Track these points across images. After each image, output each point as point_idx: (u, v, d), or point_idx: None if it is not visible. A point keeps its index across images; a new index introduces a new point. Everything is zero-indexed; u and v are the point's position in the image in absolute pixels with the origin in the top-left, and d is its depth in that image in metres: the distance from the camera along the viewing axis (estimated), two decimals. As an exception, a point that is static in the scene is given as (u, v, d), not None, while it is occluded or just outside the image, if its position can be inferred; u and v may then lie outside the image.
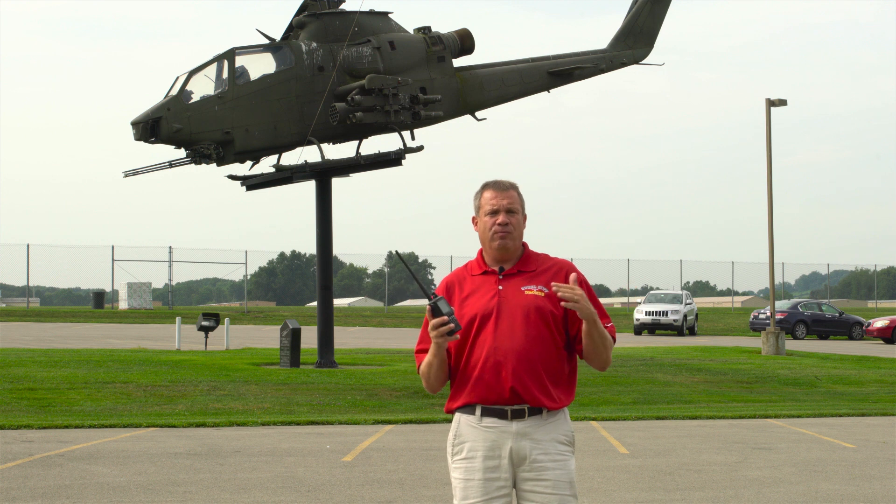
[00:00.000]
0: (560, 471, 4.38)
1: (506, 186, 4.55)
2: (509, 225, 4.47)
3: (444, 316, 4.28)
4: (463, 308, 4.45)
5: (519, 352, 4.35)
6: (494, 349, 4.36)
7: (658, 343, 36.12)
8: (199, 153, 20.85)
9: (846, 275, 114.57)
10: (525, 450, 4.37)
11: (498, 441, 4.39)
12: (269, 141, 21.31)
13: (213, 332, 28.99)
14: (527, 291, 4.44)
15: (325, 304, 22.29)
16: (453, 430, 4.51)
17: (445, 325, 4.29)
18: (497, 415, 4.39)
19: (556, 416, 4.43)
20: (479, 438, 4.41)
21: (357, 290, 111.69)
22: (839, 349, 34.23)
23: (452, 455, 4.50)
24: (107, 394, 16.74)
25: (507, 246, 4.48)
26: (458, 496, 4.45)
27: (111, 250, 53.10)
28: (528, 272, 4.50)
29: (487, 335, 4.39)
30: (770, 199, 31.24)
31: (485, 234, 4.53)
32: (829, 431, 13.89)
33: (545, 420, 4.40)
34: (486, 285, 4.49)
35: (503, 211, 4.49)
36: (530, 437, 4.38)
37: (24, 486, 9.25)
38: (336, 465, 10.67)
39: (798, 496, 9.41)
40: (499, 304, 4.42)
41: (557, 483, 4.37)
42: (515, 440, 4.37)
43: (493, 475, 4.39)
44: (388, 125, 21.86)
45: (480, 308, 4.43)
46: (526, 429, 4.38)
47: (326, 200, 22.48)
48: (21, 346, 26.43)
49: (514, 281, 4.48)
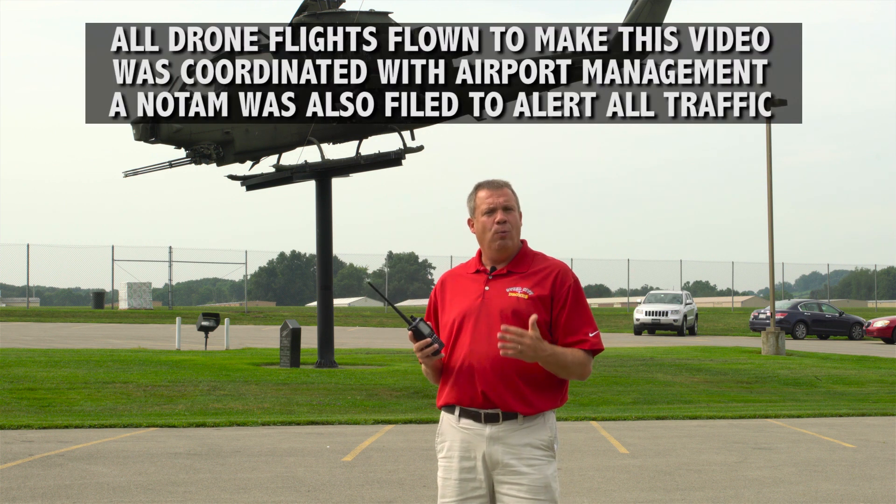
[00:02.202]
0: (536, 475, 4.33)
1: (500, 184, 4.50)
2: (507, 223, 4.42)
3: (427, 338, 4.32)
4: (451, 308, 4.45)
5: (493, 356, 4.30)
6: (470, 352, 4.34)
7: (658, 343, 36.11)
8: (199, 153, 20.86)
9: (846, 275, 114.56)
10: (497, 454, 4.34)
11: (473, 443, 4.37)
12: (269, 141, 21.33)
13: (213, 332, 28.99)
14: (510, 293, 4.38)
15: (325, 304, 22.30)
16: (438, 427, 4.53)
17: (429, 346, 4.32)
18: (472, 417, 4.37)
19: (534, 420, 4.37)
20: (456, 438, 4.41)
21: (357, 290, 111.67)
22: (839, 349, 34.23)
23: (437, 452, 4.52)
24: (107, 394, 16.74)
25: (507, 246, 4.44)
26: (439, 493, 4.48)
27: (111, 250, 53.15)
28: (518, 273, 4.44)
29: (466, 337, 4.36)
30: (770, 199, 31.25)
31: (483, 235, 4.47)
32: (829, 431, 13.89)
33: (520, 425, 4.35)
34: (474, 285, 4.46)
35: (500, 209, 4.43)
36: (503, 441, 4.34)
37: (24, 486, 9.25)
38: (336, 465, 10.67)
39: (798, 496, 9.41)
40: (480, 305, 4.38)
41: (532, 488, 4.33)
42: (488, 444, 4.34)
43: (468, 476, 4.38)
44: (388, 125, 21.87)
45: (464, 309, 4.40)
46: (499, 433, 4.34)
47: (326, 200, 22.49)
48: (21, 346, 26.43)
49: (502, 282, 4.42)
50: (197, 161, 21.03)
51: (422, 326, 4.33)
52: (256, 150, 21.46)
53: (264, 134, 21.18)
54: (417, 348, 4.33)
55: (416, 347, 4.33)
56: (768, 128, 31.03)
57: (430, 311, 4.57)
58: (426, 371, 4.47)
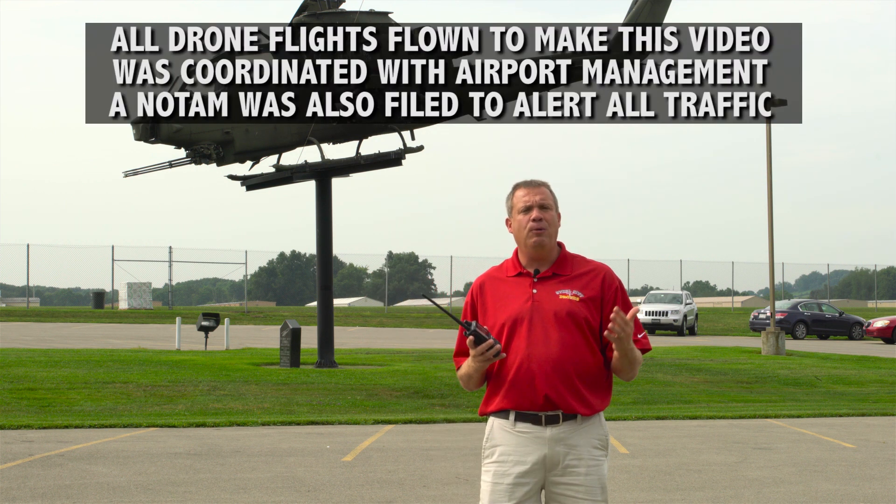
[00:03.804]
0: (592, 476, 4.36)
1: (538, 183, 4.50)
2: (543, 220, 4.40)
3: (490, 340, 4.28)
4: (497, 311, 4.41)
5: (553, 359, 4.30)
6: (528, 356, 4.31)
7: (658, 343, 36.11)
8: (199, 153, 20.86)
9: (846, 275, 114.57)
10: (559, 455, 4.34)
11: (531, 447, 4.36)
12: (269, 141, 21.33)
13: (213, 332, 28.99)
14: (561, 296, 4.37)
15: (325, 304, 22.30)
16: (487, 433, 4.49)
17: (492, 347, 4.28)
18: (531, 420, 4.36)
19: (591, 420, 4.39)
20: (511, 443, 4.38)
21: (357, 290, 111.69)
22: (839, 349, 34.23)
23: (484, 458, 4.48)
24: (107, 394, 16.74)
25: (544, 243, 4.41)
26: (484, 499, 4.42)
27: (111, 250, 53.15)
28: (564, 275, 4.42)
29: (521, 341, 4.34)
30: (770, 200, 31.26)
31: (520, 233, 4.45)
32: (829, 431, 13.89)
33: (580, 425, 4.37)
34: (520, 288, 4.42)
35: (536, 207, 4.42)
36: (565, 442, 4.35)
37: (24, 486, 9.25)
38: (336, 465, 10.67)
39: (798, 496, 9.41)
40: (532, 308, 4.36)
41: (590, 489, 4.36)
42: (550, 446, 4.34)
43: (522, 480, 4.36)
44: (388, 125, 21.88)
45: (514, 312, 4.37)
46: (560, 434, 4.35)
47: (326, 200, 22.49)
48: (21, 346, 26.43)
49: (549, 284, 4.40)
50: (197, 161, 21.04)
51: (480, 330, 4.28)
52: (256, 150, 21.46)
53: (264, 134, 21.18)
54: (479, 352, 4.28)
55: (479, 351, 4.28)
56: (768, 128, 31.03)
57: (466, 314, 4.54)
58: (468, 375, 4.42)
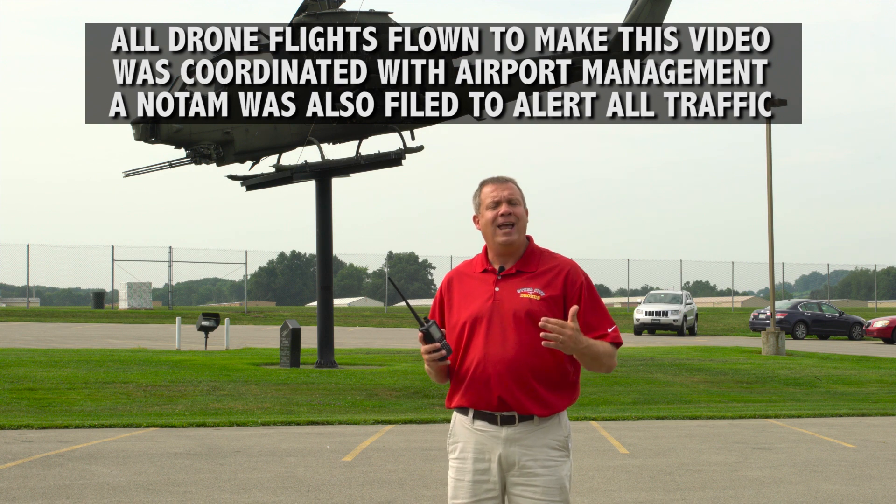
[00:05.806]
0: (550, 477, 4.33)
1: (505, 179, 4.48)
2: (512, 215, 4.39)
3: (436, 342, 4.31)
4: (461, 308, 4.42)
5: (508, 360, 4.29)
6: (484, 356, 4.31)
7: (658, 343, 36.12)
8: (199, 153, 20.86)
9: (846, 275, 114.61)
10: (514, 455, 4.33)
11: (488, 445, 4.36)
12: (269, 141, 21.33)
13: (213, 332, 28.99)
14: (522, 294, 4.35)
15: (325, 304, 22.29)
16: (450, 428, 4.52)
17: (437, 351, 4.31)
18: (487, 419, 4.36)
19: (549, 421, 4.37)
20: (470, 440, 4.39)
21: (357, 290, 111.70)
22: (839, 349, 34.23)
23: (448, 452, 4.51)
24: (107, 394, 16.74)
25: (512, 240, 4.40)
26: (449, 494, 4.46)
27: (111, 250, 53.14)
28: (528, 272, 4.40)
29: (479, 340, 4.34)
30: (770, 200, 31.26)
31: (487, 229, 4.44)
32: (829, 431, 13.89)
33: (536, 426, 4.35)
34: (483, 285, 4.42)
35: (504, 202, 4.41)
36: (520, 443, 4.33)
37: (24, 486, 9.25)
38: (336, 465, 10.67)
39: (798, 496, 9.41)
40: (492, 307, 4.35)
41: (547, 489, 4.33)
42: (505, 446, 4.34)
43: (482, 477, 4.37)
44: (388, 125, 21.88)
45: (475, 310, 4.37)
46: (515, 435, 4.33)
47: (326, 200, 22.49)
48: (21, 346, 26.43)
49: (512, 282, 4.39)
50: (197, 161, 21.04)
51: (433, 330, 4.31)
52: (256, 150, 21.46)
53: (264, 134, 21.18)
54: (425, 351, 4.32)
55: (424, 350, 4.32)
56: (768, 128, 31.03)
57: (434, 310, 4.55)
58: (429, 371, 4.45)
